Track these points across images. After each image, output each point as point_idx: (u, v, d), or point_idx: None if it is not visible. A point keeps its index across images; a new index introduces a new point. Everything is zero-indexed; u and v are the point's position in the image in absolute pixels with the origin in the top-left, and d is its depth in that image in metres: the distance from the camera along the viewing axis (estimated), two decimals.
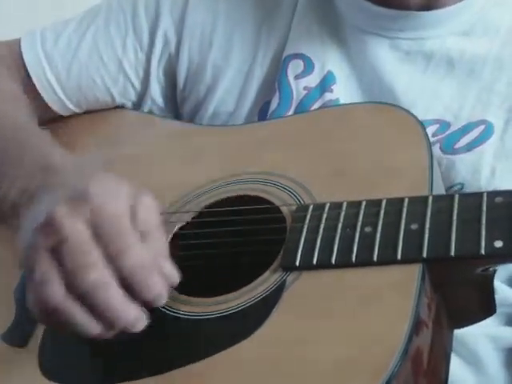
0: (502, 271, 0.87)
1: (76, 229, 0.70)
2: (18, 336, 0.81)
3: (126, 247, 0.70)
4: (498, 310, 0.75)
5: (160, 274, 0.71)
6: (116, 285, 0.69)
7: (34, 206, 0.77)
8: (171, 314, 0.76)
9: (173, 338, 0.76)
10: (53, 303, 0.69)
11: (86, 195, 0.71)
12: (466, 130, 0.89)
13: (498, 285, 0.81)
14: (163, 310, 0.77)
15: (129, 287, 0.70)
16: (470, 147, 0.88)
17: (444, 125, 0.90)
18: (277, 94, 0.95)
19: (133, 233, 0.71)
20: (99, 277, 0.69)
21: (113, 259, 0.69)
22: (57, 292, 0.69)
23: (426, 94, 0.91)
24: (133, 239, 0.71)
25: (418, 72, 0.92)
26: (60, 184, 0.77)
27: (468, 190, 0.87)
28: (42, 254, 0.71)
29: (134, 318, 0.70)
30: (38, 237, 0.71)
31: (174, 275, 0.73)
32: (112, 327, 0.70)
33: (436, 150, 0.87)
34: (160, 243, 0.73)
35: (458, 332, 0.76)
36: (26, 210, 0.78)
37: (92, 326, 0.70)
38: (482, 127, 0.89)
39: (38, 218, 0.73)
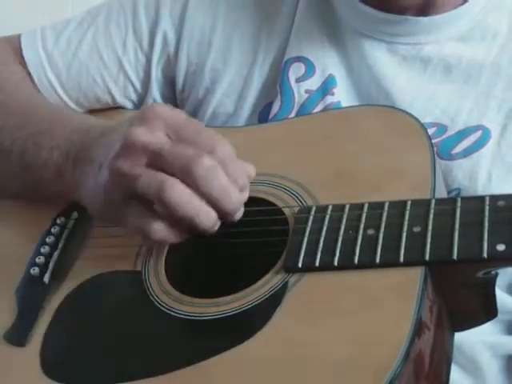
0: (502, 278, 0.88)
1: (161, 138, 0.73)
2: (20, 335, 0.81)
3: (213, 140, 0.73)
4: (497, 317, 0.75)
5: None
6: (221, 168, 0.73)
7: (85, 166, 0.80)
8: (174, 314, 0.76)
9: (175, 339, 0.76)
10: (177, 200, 0.72)
11: (153, 114, 0.74)
12: (462, 134, 0.89)
13: (497, 292, 0.81)
14: (166, 310, 0.77)
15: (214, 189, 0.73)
16: (466, 153, 0.88)
17: (441, 128, 0.90)
18: (278, 97, 0.95)
19: (210, 132, 0.74)
20: (208, 162, 0.72)
21: (206, 151, 0.72)
22: (177, 186, 0.72)
23: (423, 98, 0.91)
24: (214, 138, 0.74)
25: (415, 76, 0.92)
26: (110, 129, 0.81)
27: (465, 195, 0.87)
28: (142, 170, 0.72)
29: (240, 200, 0.75)
30: (127, 160, 0.73)
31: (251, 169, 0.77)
32: (224, 211, 0.74)
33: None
34: (227, 146, 0.76)
35: (456, 340, 0.76)
36: (73, 172, 0.81)
37: (210, 215, 0.74)
38: (479, 133, 0.89)
39: (112, 148, 0.75)
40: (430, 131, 0.89)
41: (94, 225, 0.87)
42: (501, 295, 0.88)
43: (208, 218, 0.74)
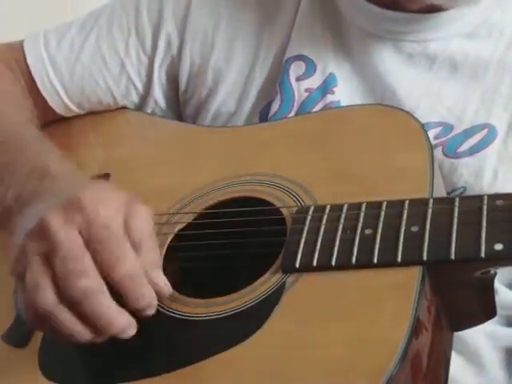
0: (503, 274, 0.87)
1: (68, 235, 0.71)
2: (19, 336, 0.81)
3: (117, 257, 0.71)
4: (498, 312, 0.75)
5: (151, 284, 0.72)
6: (107, 293, 0.70)
7: (27, 212, 0.77)
8: (171, 314, 0.76)
9: (172, 339, 0.76)
10: (43, 308, 0.70)
11: (80, 203, 0.72)
12: (469, 133, 0.89)
13: (498, 287, 0.81)
14: (164, 311, 0.76)
15: (120, 295, 0.70)
16: (472, 151, 0.88)
17: (447, 127, 0.89)
18: (278, 95, 0.95)
19: (125, 242, 0.71)
20: (90, 284, 0.70)
21: (104, 268, 0.70)
22: (47, 297, 0.70)
23: (429, 97, 0.91)
24: (124, 249, 0.71)
25: (421, 74, 0.92)
26: (54, 191, 0.78)
27: (470, 193, 0.87)
28: (34, 260, 0.71)
29: (124, 325, 0.71)
30: (30, 242, 0.72)
31: (166, 285, 0.73)
32: (102, 334, 0.71)
33: (438, 153, 0.87)
34: (152, 253, 0.73)
35: (459, 332, 0.76)
36: (19, 215, 0.78)
37: (82, 333, 0.71)
38: (485, 131, 0.88)
39: (29, 224, 0.73)
40: (436, 130, 0.89)
41: None
42: (503, 290, 0.87)
43: (76, 335, 0.71)
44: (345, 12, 0.96)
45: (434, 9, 0.91)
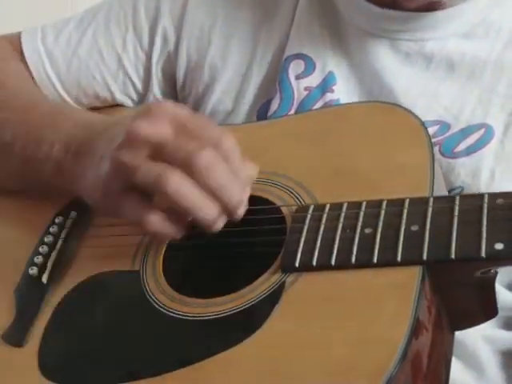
0: (503, 275, 0.87)
1: (165, 130, 0.72)
2: (18, 336, 0.81)
3: (218, 133, 0.73)
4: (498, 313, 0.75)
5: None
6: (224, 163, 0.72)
7: (86, 157, 0.79)
8: (171, 314, 0.76)
9: (172, 339, 0.76)
10: (176, 191, 0.71)
11: (157, 107, 0.74)
12: (466, 132, 0.89)
13: (498, 288, 0.80)
14: (163, 310, 0.76)
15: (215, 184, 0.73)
16: (469, 151, 0.88)
17: (444, 126, 0.89)
18: (278, 94, 0.94)
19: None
20: (211, 155, 0.71)
21: (211, 144, 0.72)
22: (176, 179, 0.71)
23: (426, 95, 0.90)
24: (219, 129, 0.74)
25: (418, 73, 0.91)
26: (113, 123, 0.81)
27: (467, 193, 0.86)
28: (143, 160, 0.72)
29: (242, 197, 0.74)
30: (129, 152, 0.73)
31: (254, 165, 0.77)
32: (226, 206, 0.73)
33: (435, 152, 0.86)
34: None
35: (458, 335, 0.76)
36: (73, 165, 0.81)
37: (210, 207, 0.73)
38: (482, 131, 0.88)
39: (115, 140, 0.75)
40: (433, 129, 0.89)
41: (92, 224, 0.87)
42: (502, 291, 0.87)
43: (208, 212, 0.73)
44: (343, 11, 0.95)
45: (432, 7, 0.90)
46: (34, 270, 0.84)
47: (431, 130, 0.88)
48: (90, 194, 0.80)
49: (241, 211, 0.75)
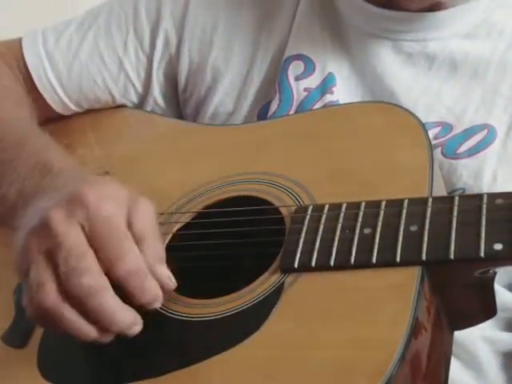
0: (503, 275, 0.87)
1: (71, 232, 0.70)
2: (18, 337, 0.81)
3: (120, 253, 0.70)
4: (497, 314, 0.74)
5: (155, 279, 0.71)
6: (110, 289, 0.70)
7: (29, 208, 0.77)
8: (170, 315, 0.76)
9: (172, 340, 0.76)
10: (46, 305, 0.69)
11: (82, 199, 0.71)
12: (468, 133, 0.88)
13: (497, 288, 0.80)
14: (162, 311, 0.76)
15: (124, 291, 0.70)
16: (472, 152, 0.88)
17: (446, 127, 0.89)
18: (277, 95, 0.94)
19: (128, 237, 0.71)
20: (93, 281, 0.69)
21: (107, 264, 0.70)
22: (51, 294, 0.69)
23: (428, 96, 0.90)
24: (128, 244, 0.71)
25: (420, 74, 0.91)
26: (56, 186, 0.78)
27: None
28: (37, 257, 0.71)
29: (130, 322, 0.71)
30: (33, 240, 0.72)
31: (170, 280, 0.73)
32: (107, 331, 0.71)
33: (438, 153, 0.87)
34: (156, 248, 0.73)
35: (457, 336, 0.76)
36: (21, 211, 0.78)
37: (87, 330, 0.70)
38: (484, 132, 0.88)
39: (32, 221, 0.73)
40: (435, 130, 0.88)
41: None
42: (502, 292, 0.87)
43: (82, 333, 0.70)
44: (343, 12, 0.95)
45: (434, 8, 0.90)
46: None
47: (433, 132, 0.88)
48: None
49: (132, 332, 0.71)
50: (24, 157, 0.86)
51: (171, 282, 0.73)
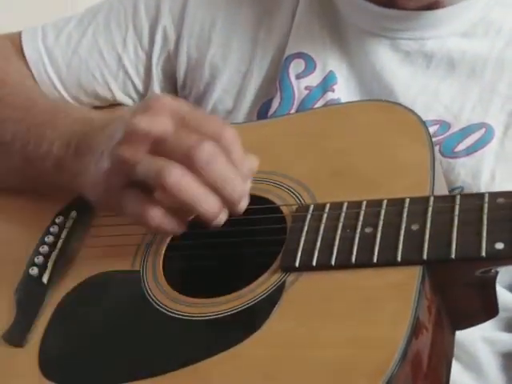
0: (504, 276, 0.87)
1: (165, 124, 0.71)
2: (18, 336, 0.81)
3: (219, 126, 0.72)
4: (498, 314, 0.74)
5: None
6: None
7: (87, 154, 0.79)
8: (171, 314, 0.76)
9: (173, 339, 0.76)
10: (177, 185, 0.70)
11: (157, 101, 0.73)
12: (466, 132, 0.88)
13: (498, 289, 0.80)
14: (163, 310, 0.76)
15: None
16: (469, 151, 0.88)
17: (444, 125, 0.89)
18: (278, 93, 0.94)
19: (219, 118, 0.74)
20: (211, 147, 0.71)
21: (212, 137, 0.71)
22: (176, 170, 0.70)
23: (426, 94, 0.90)
24: (220, 122, 0.73)
25: (418, 72, 0.91)
26: (112, 120, 0.80)
27: (467, 193, 0.86)
28: (143, 156, 0.72)
29: (244, 189, 0.73)
30: (126, 148, 0.72)
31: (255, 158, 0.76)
32: (227, 199, 0.72)
33: (435, 152, 0.86)
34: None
35: (457, 337, 0.76)
36: (74, 162, 0.81)
37: (212, 201, 0.72)
38: (482, 130, 0.88)
39: (115, 136, 0.74)
40: (433, 128, 0.88)
41: (92, 224, 0.87)
42: (502, 292, 0.87)
43: (209, 205, 0.72)
44: (342, 10, 0.95)
45: (432, 7, 0.90)
46: (34, 270, 0.84)
47: (431, 130, 0.87)
48: (91, 190, 0.80)
49: (243, 204, 0.74)
50: (61, 117, 0.88)
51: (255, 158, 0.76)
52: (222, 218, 0.74)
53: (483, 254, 0.68)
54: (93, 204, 0.82)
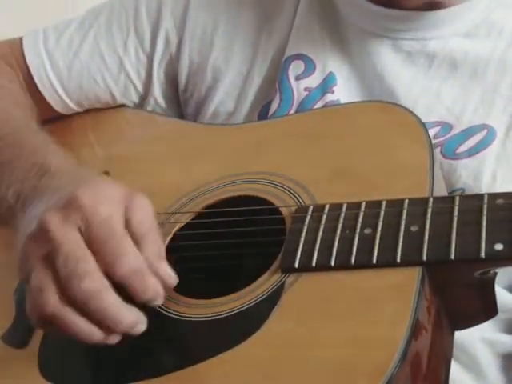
0: (503, 276, 0.87)
1: (68, 237, 0.70)
2: (18, 337, 0.81)
3: (119, 253, 0.70)
4: (497, 315, 0.74)
5: (156, 276, 0.71)
6: (111, 290, 0.69)
7: (28, 211, 0.77)
8: (171, 316, 0.76)
9: (173, 340, 0.76)
10: (48, 310, 0.70)
11: (78, 202, 0.71)
12: (468, 134, 0.88)
13: (497, 289, 0.80)
14: (163, 311, 0.76)
15: (125, 291, 0.70)
16: (471, 152, 0.87)
17: (446, 127, 0.89)
18: (278, 95, 0.94)
19: (126, 237, 0.71)
20: (93, 284, 0.69)
21: (107, 266, 0.69)
22: (51, 299, 0.69)
23: (427, 96, 0.90)
24: (126, 244, 0.71)
25: (420, 73, 0.91)
26: (53, 188, 0.78)
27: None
28: (36, 262, 0.71)
29: (133, 321, 0.70)
30: (31, 245, 0.72)
31: (171, 276, 0.73)
32: (112, 332, 0.70)
33: (437, 154, 0.86)
34: (155, 245, 0.73)
35: (457, 338, 0.76)
36: (21, 214, 0.78)
37: (92, 332, 0.70)
38: (484, 132, 0.88)
39: (30, 226, 0.73)
40: (435, 130, 0.88)
41: None
42: (501, 293, 0.87)
43: (87, 335, 0.70)
44: (343, 11, 0.95)
45: (432, 7, 0.90)
46: None
47: (433, 132, 0.88)
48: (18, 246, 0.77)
49: (136, 331, 0.71)
50: (22, 158, 0.86)
51: (172, 278, 0.73)
52: (112, 340, 0.71)
53: (482, 254, 0.68)
54: None
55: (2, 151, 0.89)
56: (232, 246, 0.81)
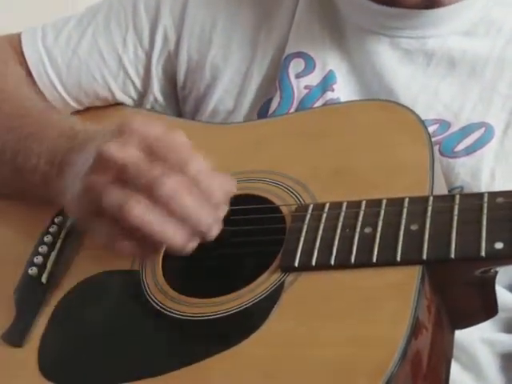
0: (503, 276, 0.87)
1: (131, 155, 0.71)
2: (18, 336, 0.81)
3: (186, 155, 0.71)
4: (497, 314, 0.74)
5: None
6: (189, 191, 0.70)
7: (72, 167, 0.79)
8: (171, 315, 0.76)
9: (172, 339, 0.76)
10: (136, 219, 0.69)
11: (130, 127, 0.72)
12: (466, 131, 0.88)
13: (498, 289, 0.80)
14: (163, 310, 0.76)
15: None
16: (469, 150, 0.87)
17: (444, 125, 0.89)
18: (278, 93, 0.94)
19: (187, 144, 0.72)
20: (174, 182, 0.70)
21: (177, 167, 0.70)
22: (136, 208, 0.69)
23: (426, 93, 0.90)
24: (190, 150, 0.72)
25: (418, 71, 0.91)
26: (92, 137, 0.80)
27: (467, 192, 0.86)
28: (105, 187, 0.71)
29: (212, 218, 0.72)
30: (94, 177, 0.72)
31: (230, 179, 0.74)
32: (195, 230, 0.71)
33: (435, 151, 0.86)
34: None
35: (456, 337, 0.76)
36: (60, 176, 0.81)
37: (176, 233, 0.70)
38: (482, 130, 0.88)
39: (85, 165, 0.74)
40: (433, 128, 0.88)
41: None
42: (502, 292, 0.87)
43: (174, 238, 0.71)
44: (342, 9, 0.95)
45: (431, 5, 0.90)
46: (33, 270, 0.84)
47: (431, 129, 0.87)
48: (70, 211, 0.79)
49: (213, 232, 0.72)
50: (48, 129, 0.88)
51: (231, 182, 0.74)
52: (191, 246, 0.72)
53: (483, 253, 0.68)
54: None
55: (28, 126, 0.90)
56: (232, 244, 0.81)
